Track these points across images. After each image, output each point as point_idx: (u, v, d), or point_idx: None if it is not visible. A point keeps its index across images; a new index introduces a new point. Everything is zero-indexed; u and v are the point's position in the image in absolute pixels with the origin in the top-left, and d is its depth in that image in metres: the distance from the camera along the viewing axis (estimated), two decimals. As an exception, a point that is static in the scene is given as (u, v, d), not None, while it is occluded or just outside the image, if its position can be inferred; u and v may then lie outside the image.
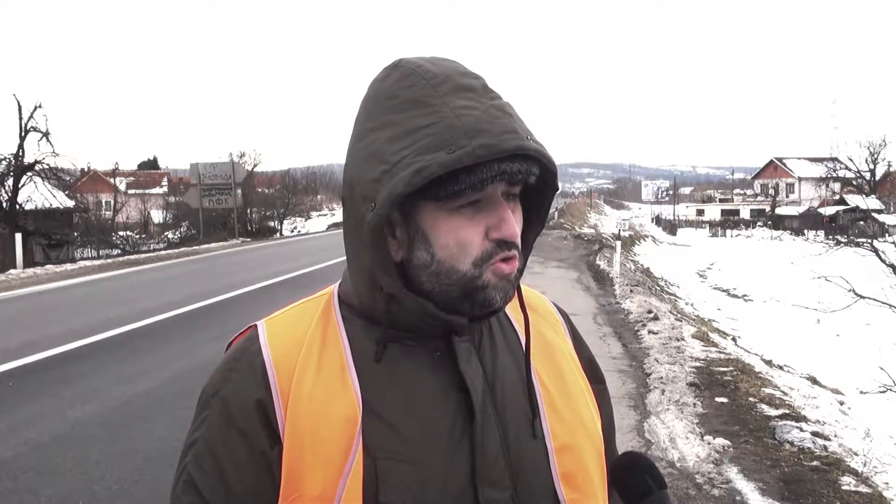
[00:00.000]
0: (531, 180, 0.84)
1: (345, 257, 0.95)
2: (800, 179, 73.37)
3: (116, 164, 41.34)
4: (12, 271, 16.41)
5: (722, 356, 7.85)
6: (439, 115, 0.80)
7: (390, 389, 0.85)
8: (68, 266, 18.07)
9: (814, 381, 9.10)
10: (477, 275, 0.84)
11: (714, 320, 15.52)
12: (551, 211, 1.04)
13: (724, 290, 24.23)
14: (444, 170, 0.78)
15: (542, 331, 0.99)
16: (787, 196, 72.96)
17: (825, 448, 4.96)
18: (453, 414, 0.86)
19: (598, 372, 1.06)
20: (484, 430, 0.86)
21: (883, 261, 11.89)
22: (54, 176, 23.84)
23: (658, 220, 69.02)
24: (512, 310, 0.96)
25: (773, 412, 5.70)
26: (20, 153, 22.81)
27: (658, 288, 18.51)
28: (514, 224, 0.84)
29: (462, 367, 0.87)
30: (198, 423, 0.89)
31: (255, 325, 0.93)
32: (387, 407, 0.84)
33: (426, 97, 0.82)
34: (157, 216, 41.37)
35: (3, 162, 22.89)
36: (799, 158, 77.07)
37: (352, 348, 0.87)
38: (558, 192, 0.97)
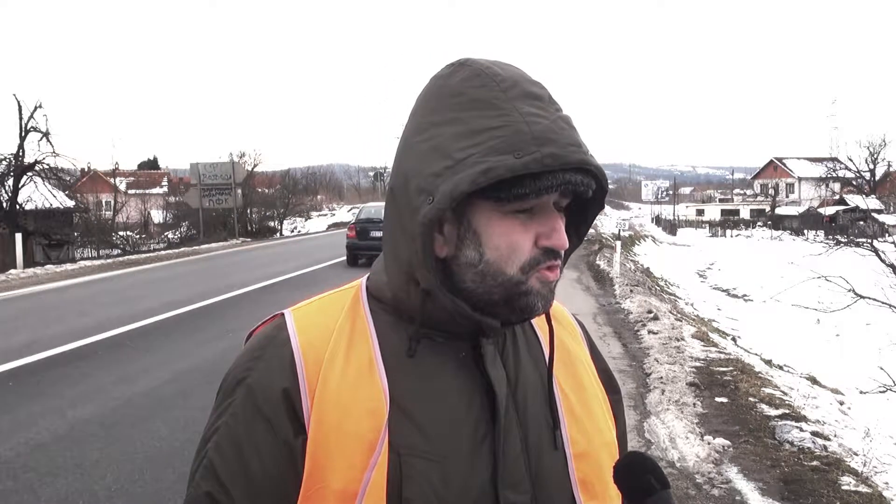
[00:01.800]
0: (589, 195, 0.86)
1: (344, 258, 0.95)
2: (800, 179, 73.38)
3: (116, 164, 41.14)
4: (12, 271, 16.41)
5: (722, 356, 7.85)
6: (509, 119, 0.81)
7: (417, 386, 0.86)
8: (68, 266, 18.07)
9: (814, 381, 9.10)
10: (523, 280, 0.84)
11: (714, 320, 15.53)
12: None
13: (724, 290, 24.23)
14: (511, 174, 0.78)
15: (563, 340, 1.01)
16: (787, 196, 72.96)
17: (825, 448, 4.96)
18: (477, 415, 0.86)
19: (614, 383, 1.07)
20: (506, 434, 0.86)
21: (883, 261, 11.88)
22: (54, 176, 23.80)
23: (658, 220, 69.00)
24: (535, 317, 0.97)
25: (773, 412, 5.70)
26: (20, 153, 22.78)
27: (658, 288, 18.51)
28: (564, 235, 0.85)
29: (489, 369, 0.88)
30: (221, 410, 0.88)
31: (283, 314, 0.92)
32: (413, 404, 0.85)
33: (495, 99, 0.82)
34: (157, 216, 41.32)
35: (4, 162, 22.84)
36: (799, 158, 77.07)
37: (380, 343, 0.88)
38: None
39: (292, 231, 41.20)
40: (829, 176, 54.68)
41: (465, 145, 0.80)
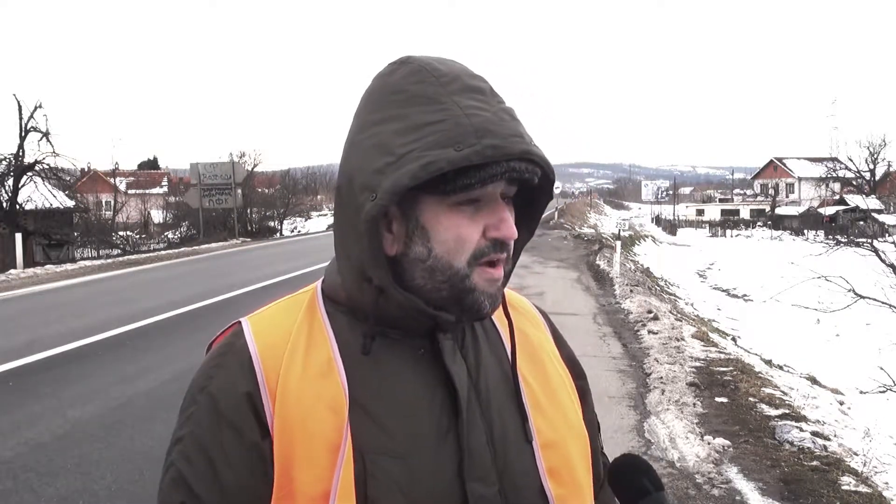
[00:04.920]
0: (535, 181, 0.85)
1: None
2: (800, 179, 73.38)
3: (116, 164, 41.19)
4: (12, 271, 16.41)
5: (722, 356, 7.85)
6: (448, 113, 0.81)
7: (376, 385, 0.86)
8: (68, 266, 18.06)
9: (814, 381, 9.09)
10: (468, 273, 0.84)
11: (714, 320, 15.52)
12: (552, 211, 1.05)
13: (724, 290, 24.21)
14: (452, 166, 0.79)
15: (524, 328, 1.00)
16: (787, 196, 72.95)
17: (825, 448, 4.96)
18: (439, 410, 0.86)
19: (580, 368, 1.07)
20: (469, 427, 0.86)
21: (883, 261, 11.85)
22: (54, 176, 23.80)
23: (658, 220, 68.92)
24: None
25: (773, 412, 5.70)
26: (20, 153, 22.76)
27: (658, 288, 18.50)
28: (513, 225, 0.85)
29: (448, 364, 0.88)
30: (184, 420, 0.88)
31: (239, 322, 0.92)
32: (373, 402, 0.85)
33: (435, 94, 0.82)
34: (157, 216, 41.33)
35: (4, 162, 22.83)
36: (799, 158, 77.05)
37: (338, 343, 0.87)
38: (557, 195, 0.98)
39: (292, 231, 41.16)
40: (829, 176, 54.65)
41: (407, 140, 0.80)
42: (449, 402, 0.87)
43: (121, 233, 31.36)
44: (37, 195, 22.80)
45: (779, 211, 61.98)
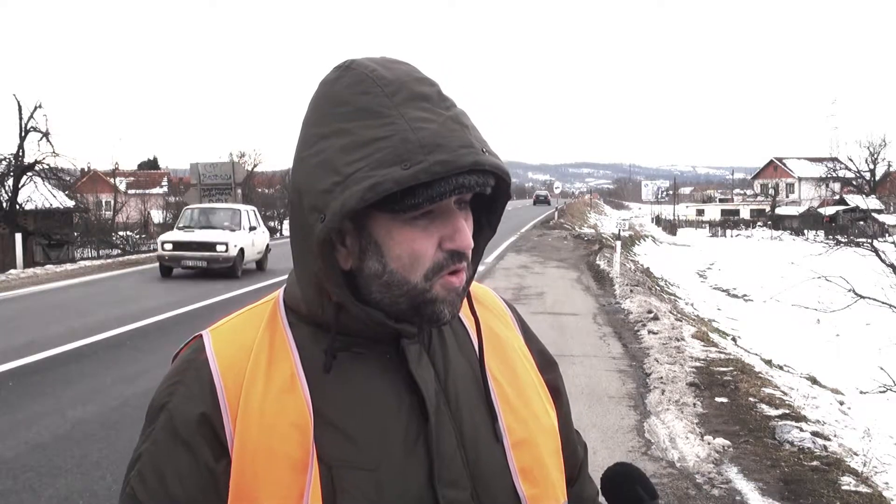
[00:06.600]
0: (487, 192, 0.84)
1: None
2: (800, 179, 73.37)
3: (116, 164, 41.12)
4: (12, 271, 16.41)
5: (722, 356, 7.85)
6: (394, 128, 0.78)
7: (341, 396, 0.84)
8: (68, 266, 18.07)
9: (814, 381, 9.10)
10: (427, 287, 0.83)
11: (714, 320, 15.50)
12: (552, 210, 1.03)
13: (724, 290, 24.19)
14: (399, 186, 0.76)
15: (491, 325, 0.99)
16: (787, 196, 72.92)
17: (825, 448, 4.97)
18: (407, 416, 0.85)
19: (550, 362, 1.06)
20: (439, 431, 0.85)
21: (883, 261, 11.85)
22: (54, 176, 23.79)
23: (658, 220, 68.81)
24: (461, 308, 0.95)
25: (773, 412, 5.70)
26: (20, 153, 22.75)
27: (658, 288, 18.50)
28: (468, 235, 0.84)
29: (413, 369, 0.87)
30: (144, 437, 0.88)
31: (201, 335, 0.91)
32: (339, 414, 0.84)
33: (380, 106, 0.80)
34: (157, 216, 41.29)
35: (3, 162, 22.82)
36: (799, 158, 77.02)
37: (300, 356, 0.86)
38: (557, 195, 0.96)
39: (292, 231, 41.07)
40: (829, 176, 54.60)
41: (353, 159, 0.78)
42: (418, 408, 0.86)
43: (121, 233, 31.32)
44: (37, 195, 22.78)
45: (779, 211, 61.95)
